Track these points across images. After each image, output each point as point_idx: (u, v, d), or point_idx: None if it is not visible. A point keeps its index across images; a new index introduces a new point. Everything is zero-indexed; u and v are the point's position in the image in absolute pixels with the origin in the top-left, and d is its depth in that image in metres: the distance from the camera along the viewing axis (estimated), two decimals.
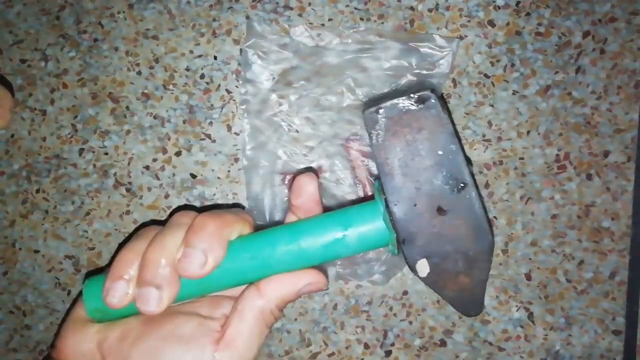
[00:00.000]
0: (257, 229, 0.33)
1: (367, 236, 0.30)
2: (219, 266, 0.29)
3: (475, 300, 0.31)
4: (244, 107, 0.49)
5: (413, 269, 0.29)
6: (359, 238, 0.29)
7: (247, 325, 0.29)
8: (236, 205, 0.50)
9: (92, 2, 0.51)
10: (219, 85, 0.50)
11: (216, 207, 0.50)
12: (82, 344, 0.31)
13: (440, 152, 0.29)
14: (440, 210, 0.29)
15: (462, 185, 0.29)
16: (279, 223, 0.36)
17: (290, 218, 0.35)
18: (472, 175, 0.29)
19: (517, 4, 0.49)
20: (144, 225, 0.51)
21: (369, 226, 0.29)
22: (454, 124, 0.49)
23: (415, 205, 0.29)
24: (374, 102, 0.31)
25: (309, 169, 0.49)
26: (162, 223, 0.34)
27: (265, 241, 0.30)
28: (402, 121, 0.29)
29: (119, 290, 0.29)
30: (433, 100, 0.30)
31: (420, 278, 0.30)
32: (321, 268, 0.31)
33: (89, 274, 0.52)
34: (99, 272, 0.52)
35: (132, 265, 0.29)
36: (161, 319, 0.30)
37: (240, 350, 0.28)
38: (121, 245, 0.47)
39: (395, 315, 0.51)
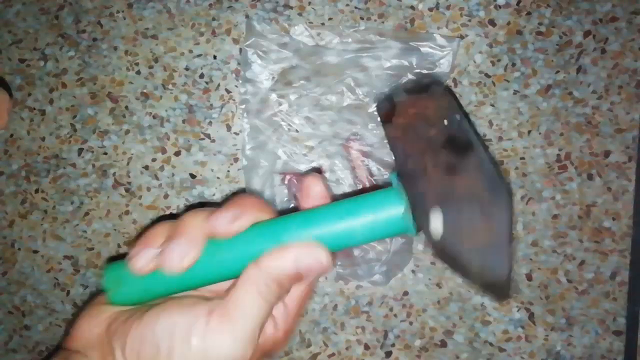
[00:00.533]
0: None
1: (385, 220, 0.29)
2: (231, 243, 0.30)
3: (499, 271, 0.29)
4: (243, 106, 0.49)
5: (427, 232, 0.29)
6: (374, 223, 0.29)
7: (241, 295, 0.29)
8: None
9: (91, 1, 0.51)
10: (219, 85, 0.50)
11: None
12: (93, 329, 0.31)
13: (445, 122, 0.29)
14: (449, 171, 0.28)
15: (468, 145, 0.28)
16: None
17: None
18: (480, 137, 0.29)
19: (518, 3, 0.49)
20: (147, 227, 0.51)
21: (388, 211, 0.29)
22: (461, 107, 0.50)
23: (424, 169, 0.29)
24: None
25: (311, 171, 0.49)
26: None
27: (282, 225, 0.30)
28: (409, 103, 0.30)
29: (146, 255, 0.29)
30: (437, 85, 0.30)
31: (434, 242, 0.28)
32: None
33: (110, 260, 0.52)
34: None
35: (163, 238, 0.29)
36: (168, 299, 0.31)
37: (234, 319, 0.28)
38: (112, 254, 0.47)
39: (395, 315, 0.51)
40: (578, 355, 0.50)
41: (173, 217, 0.46)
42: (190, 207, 0.45)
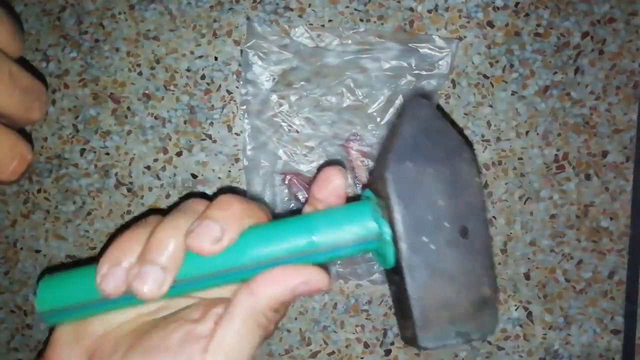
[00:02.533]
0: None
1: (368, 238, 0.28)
2: (221, 252, 0.26)
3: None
4: (244, 107, 0.49)
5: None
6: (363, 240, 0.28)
7: (235, 326, 0.26)
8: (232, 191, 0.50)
9: (93, 3, 0.51)
10: (220, 86, 0.51)
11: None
12: (72, 357, 0.28)
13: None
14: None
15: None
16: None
17: (306, 210, 0.31)
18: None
19: (516, 4, 0.49)
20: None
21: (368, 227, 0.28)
22: (454, 123, 0.50)
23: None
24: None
25: (336, 162, 0.47)
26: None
27: (272, 233, 0.28)
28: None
29: (117, 277, 0.25)
30: (427, 102, 0.29)
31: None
32: (324, 267, 0.29)
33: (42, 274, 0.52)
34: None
35: (133, 253, 0.26)
36: (150, 329, 0.28)
37: (229, 353, 0.26)
38: (112, 239, 0.45)
39: (394, 314, 0.51)
40: (576, 354, 0.50)
41: (160, 212, 0.45)
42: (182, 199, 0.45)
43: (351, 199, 0.30)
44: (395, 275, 0.28)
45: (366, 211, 0.28)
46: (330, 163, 0.46)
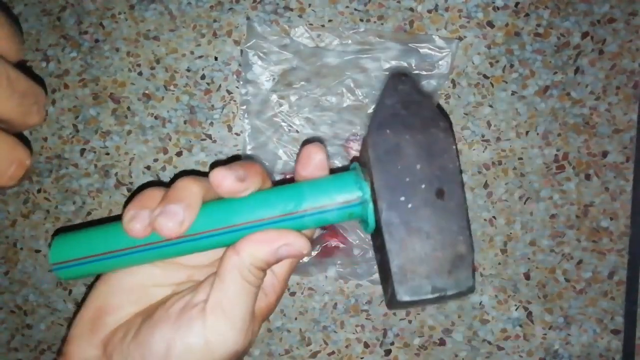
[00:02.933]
0: None
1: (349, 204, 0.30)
2: (218, 212, 0.29)
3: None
4: (244, 107, 0.49)
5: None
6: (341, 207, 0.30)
7: (227, 285, 0.28)
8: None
9: (93, 3, 0.51)
10: (220, 86, 0.51)
11: None
12: (89, 351, 0.30)
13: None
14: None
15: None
16: None
17: None
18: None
19: (516, 4, 0.49)
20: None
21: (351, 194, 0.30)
22: (449, 120, 0.50)
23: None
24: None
25: (315, 139, 0.48)
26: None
27: (261, 198, 0.30)
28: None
29: (144, 218, 0.27)
30: (428, 101, 0.31)
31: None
32: (308, 237, 0.31)
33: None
34: None
35: (156, 201, 0.28)
36: (155, 308, 0.30)
37: (227, 310, 0.28)
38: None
39: (394, 314, 0.51)
40: (576, 354, 0.50)
41: (162, 184, 0.47)
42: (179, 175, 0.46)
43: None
44: (377, 237, 0.30)
45: (350, 177, 0.30)
46: (308, 141, 0.47)
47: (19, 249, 0.52)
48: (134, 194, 0.51)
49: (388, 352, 0.51)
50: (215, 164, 0.51)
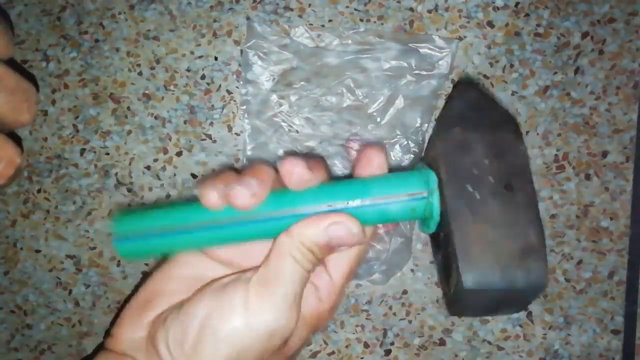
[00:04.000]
0: None
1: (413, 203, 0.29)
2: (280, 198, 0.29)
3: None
4: (244, 107, 0.50)
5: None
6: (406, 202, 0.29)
7: (275, 262, 0.28)
8: None
9: (93, 2, 0.51)
10: (220, 86, 0.51)
11: None
12: (136, 333, 0.31)
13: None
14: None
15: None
16: None
17: None
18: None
19: (516, 4, 0.49)
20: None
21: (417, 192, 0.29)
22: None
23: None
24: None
25: (378, 143, 0.48)
26: None
27: (326, 187, 0.30)
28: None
29: (219, 189, 0.28)
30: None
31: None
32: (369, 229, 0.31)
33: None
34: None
35: (231, 179, 0.29)
36: (201, 288, 0.30)
37: (271, 287, 0.28)
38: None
39: (394, 314, 0.51)
40: (576, 354, 0.50)
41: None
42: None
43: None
44: (440, 232, 0.29)
45: (416, 173, 0.29)
46: (368, 145, 0.46)
47: (19, 249, 0.52)
48: (133, 193, 0.51)
49: (388, 352, 0.51)
50: (209, 171, 0.51)
